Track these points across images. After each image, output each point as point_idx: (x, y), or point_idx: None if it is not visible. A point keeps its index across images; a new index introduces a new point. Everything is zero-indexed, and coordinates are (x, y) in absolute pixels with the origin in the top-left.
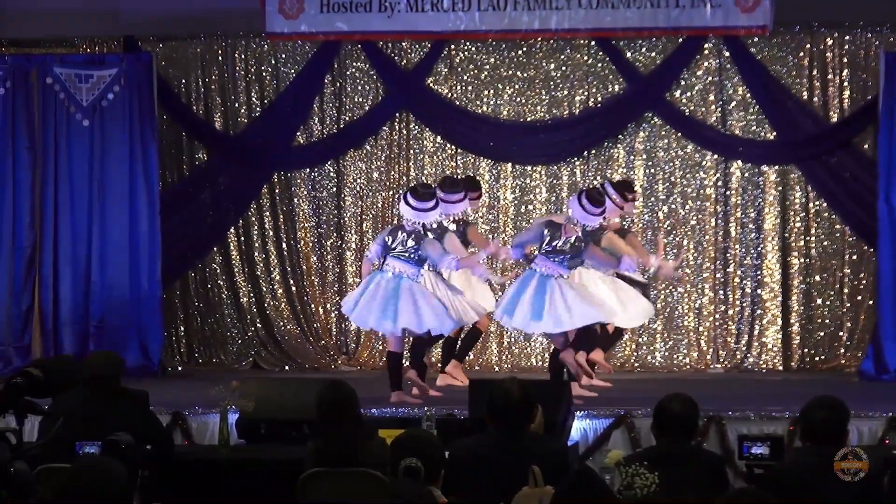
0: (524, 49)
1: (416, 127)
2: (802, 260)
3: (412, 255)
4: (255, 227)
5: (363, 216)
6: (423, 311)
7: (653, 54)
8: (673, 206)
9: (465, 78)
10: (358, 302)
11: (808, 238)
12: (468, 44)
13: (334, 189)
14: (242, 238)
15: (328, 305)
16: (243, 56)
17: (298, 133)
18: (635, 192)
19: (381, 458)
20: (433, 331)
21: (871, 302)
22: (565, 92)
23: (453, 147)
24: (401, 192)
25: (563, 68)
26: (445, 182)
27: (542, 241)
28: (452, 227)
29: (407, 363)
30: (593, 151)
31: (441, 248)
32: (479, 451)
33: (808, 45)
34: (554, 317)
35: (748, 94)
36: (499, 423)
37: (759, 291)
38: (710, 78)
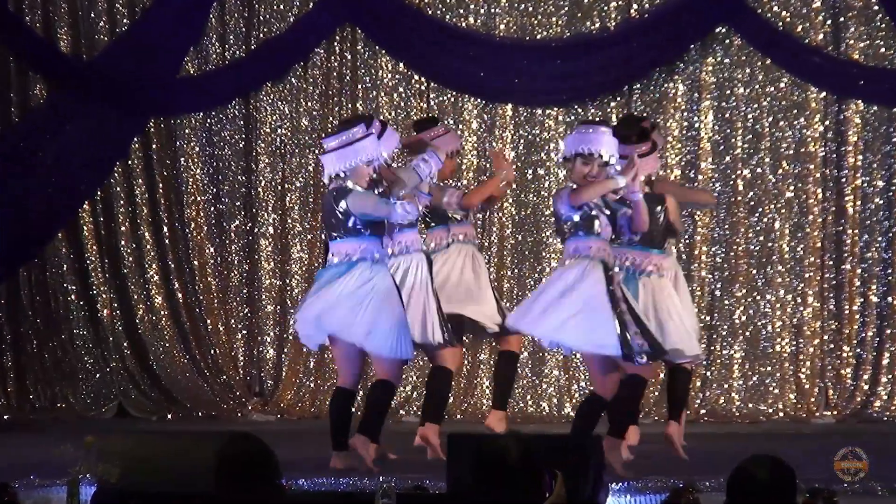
0: None
1: (367, 49)
2: None
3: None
4: (122, 202)
5: (286, 184)
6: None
7: None
8: (759, 171)
9: None
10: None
11: None
12: None
13: (241, 143)
14: (102, 219)
15: (232, 321)
16: None
17: (187, 58)
18: (651, 132)
19: None
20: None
21: None
22: None
23: (423, 79)
24: None
25: None
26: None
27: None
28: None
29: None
30: (637, 86)
31: (376, 197)
32: None
33: None
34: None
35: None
36: (490, 499)
37: (890, 300)
38: None
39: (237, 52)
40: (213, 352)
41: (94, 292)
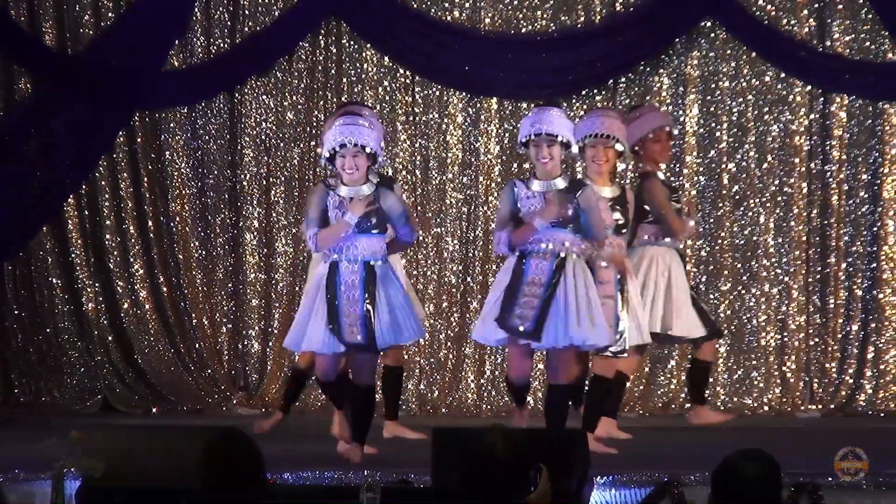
0: None
1: (352, 42)
2: None
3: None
4: (107, 196)
5: (271, 178)
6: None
7: None
8: (744, 164)
9: None
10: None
11: None
12: None
13: (227, 136)
14: (87, 213)
15: (217, 315)
16: None
17: (172, 52)
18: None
19: None
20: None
21: None
22: None
23: (408, 73)
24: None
25: None
26: None
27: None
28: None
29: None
30: (622, 80)
31: None
32: None
33: None
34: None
35: None
36: (477, 494)
37: (875, 293)
38: None
39: (222, 46)
40: (197, 346)
41: (79, 286)
